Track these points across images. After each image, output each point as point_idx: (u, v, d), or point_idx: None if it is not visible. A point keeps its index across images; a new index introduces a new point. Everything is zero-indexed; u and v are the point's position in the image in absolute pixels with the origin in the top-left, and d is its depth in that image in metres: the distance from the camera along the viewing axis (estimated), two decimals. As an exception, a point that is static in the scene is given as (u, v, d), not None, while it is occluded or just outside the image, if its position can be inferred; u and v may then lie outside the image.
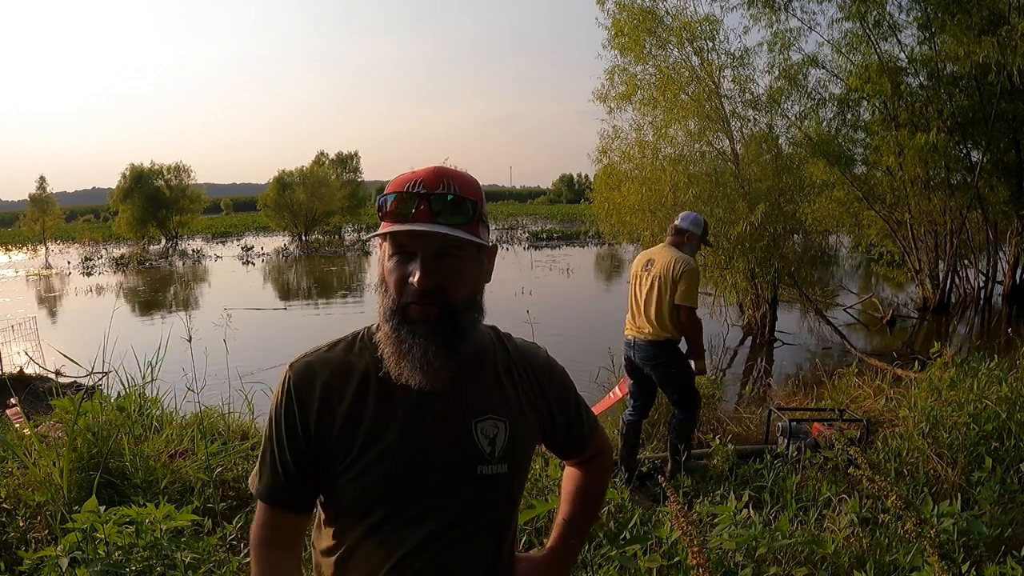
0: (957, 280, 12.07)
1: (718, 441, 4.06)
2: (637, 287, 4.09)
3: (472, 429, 1.01)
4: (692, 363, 4.07)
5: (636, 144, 10.31)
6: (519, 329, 1.22)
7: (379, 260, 1.01)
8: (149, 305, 15.05)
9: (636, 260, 4.25)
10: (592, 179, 13.54)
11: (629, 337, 4.15)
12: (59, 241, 41.41)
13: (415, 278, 0.92)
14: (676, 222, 4.15)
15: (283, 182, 36.18)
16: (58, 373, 7.27)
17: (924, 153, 10.03)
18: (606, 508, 2.79)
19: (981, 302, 12.18)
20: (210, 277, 21.55)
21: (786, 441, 4.19)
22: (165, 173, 36.99)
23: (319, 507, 1.06)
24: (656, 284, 3.95)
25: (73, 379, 6.90)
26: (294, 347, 1.11)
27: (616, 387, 4.80)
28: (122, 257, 27.75)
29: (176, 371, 5.30)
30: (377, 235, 0.97)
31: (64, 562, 2.09)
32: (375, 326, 1.04)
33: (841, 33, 11.14)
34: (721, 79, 9.91)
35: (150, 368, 4.81)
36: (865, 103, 11.18)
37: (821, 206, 10.78)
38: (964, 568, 2.24)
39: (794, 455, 3.99)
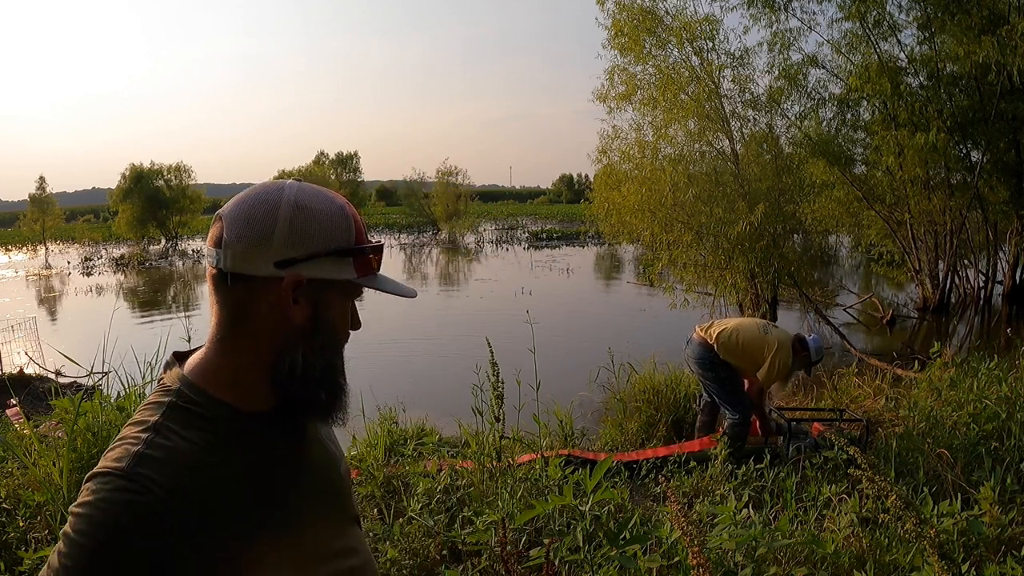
0: (957, 280, 12.06)
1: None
2: (747, 317, 4.54)
3: (342, 475, 0.99)
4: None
5: (636, 144, 10.32)
6: (519, 329, 1.21)
7: (305, 303, 0.83)
8: (149, 305, 15.06)
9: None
10: (592, 179, 13.55)
11: (690, 336, 4.56)
12: (59, 241, 41.40)
13: (351, 324, 0.90)
14: (809, 338, 4.55)
15: (283, 182, 36.19)
16: (58, 373, 7.28)
17: (924, 153, 10.03)
18: (606, 508, 2.79)
19: (981, 302, 12.16)
20: (210, 277, 21.52)
21: (786, 441, 4.20)
22: (165, 173, 36.96)
23: None
24: (762, 336, 4.32)
25: (73, 379, 6.90)
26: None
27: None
28: (122, 257, 27.74)
29: (176, 371, 5.27)
30: (372, 287, 0.88)
31: (64, 562, 2.08)
32: (180, 392, 0.82)
33: (841, 33, 11.18)
34: (721, 79, 9.93)
35: (150, 368, 4.80)
36: (865, 103, 11.19)
37: (821, 206, 10.78)
38: (964, 568, 2.24)
39: (794, 455, 3.99)
